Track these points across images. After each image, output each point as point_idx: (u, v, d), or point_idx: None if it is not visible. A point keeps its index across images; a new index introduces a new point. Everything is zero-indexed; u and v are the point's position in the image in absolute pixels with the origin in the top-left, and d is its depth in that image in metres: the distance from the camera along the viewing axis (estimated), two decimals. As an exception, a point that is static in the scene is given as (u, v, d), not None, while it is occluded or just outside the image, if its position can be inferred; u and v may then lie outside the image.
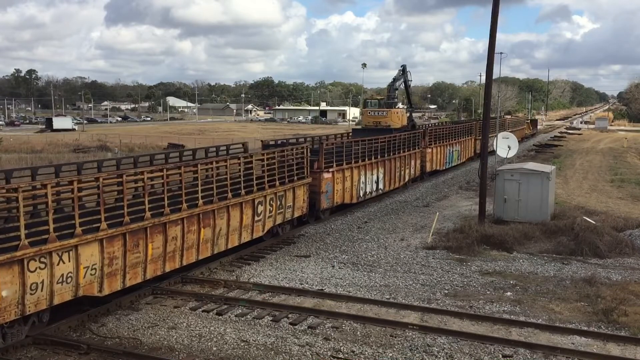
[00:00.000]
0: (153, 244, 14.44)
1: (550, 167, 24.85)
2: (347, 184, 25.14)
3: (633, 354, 11.74)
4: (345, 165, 24.83)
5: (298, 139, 30.26)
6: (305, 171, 21.71)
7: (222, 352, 11.84)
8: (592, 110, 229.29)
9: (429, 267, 17.85)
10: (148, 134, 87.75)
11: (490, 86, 24.01)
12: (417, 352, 11.88)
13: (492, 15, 22.71)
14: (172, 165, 15.90)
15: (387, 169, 29.40)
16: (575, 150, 58.43)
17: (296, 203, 21.18)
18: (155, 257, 14.59)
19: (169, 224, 14.88)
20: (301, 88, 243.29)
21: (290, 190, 20.62)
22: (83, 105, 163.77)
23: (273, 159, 19.77)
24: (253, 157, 18.89)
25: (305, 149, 21.96)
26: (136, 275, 14.03)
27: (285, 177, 20.26)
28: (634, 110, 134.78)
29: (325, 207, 23.72)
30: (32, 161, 49.19)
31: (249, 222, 18.31)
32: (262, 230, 19.14)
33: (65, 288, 12.26)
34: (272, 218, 19.76)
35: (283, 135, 73.99)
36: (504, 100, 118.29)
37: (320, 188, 22.93)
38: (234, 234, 17.64)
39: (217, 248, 16.92)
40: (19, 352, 11.77)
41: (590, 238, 19.20)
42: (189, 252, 15.73)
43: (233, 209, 17.42)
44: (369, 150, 27.19)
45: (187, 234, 15.57)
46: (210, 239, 16.54)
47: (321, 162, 23.06)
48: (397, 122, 39.04)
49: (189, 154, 19.50)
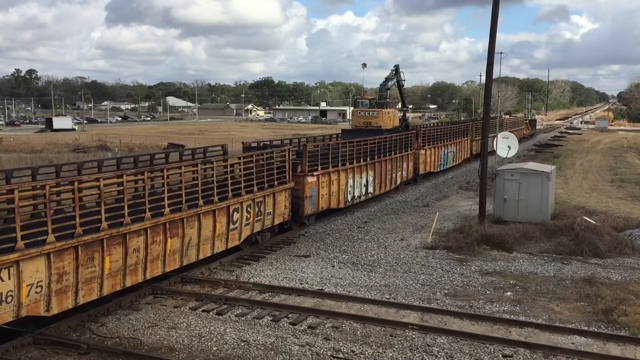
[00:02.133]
0: (111, 257, 13.22)
1: (550, 167, 24.85)
2: (333, 188, 23.96)
3: (633, 354, 11.74)
4: (332, 168, 23.67)
5: (292, 139, 29.39)
6: (287, 175, 20.50)
7: (222, 352, 11.85)
8: (592, 110, 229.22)
9: (429, 267, 17.85)
10: (148, 134, 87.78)
11: (490, 86, 24.01)
12: (417, 352, 11.88)
13: (492, 15, 22.72)
14: (133, 171, 14.68)
15: (378, 171, 28.25)
16: (575, 150, 58.44)
17: (277, 209, 19.98)
18: (114, 271, 13.37)
19: (129, 235, 13.63)
20: (301, 88, 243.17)
21: (270, 195, 19.44)
22: (83, 105, 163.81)
23: (250, 162, 18.60)
24: (228, 161, 17.73)
25: (287, 151, 20.75)
26: (91, 292, 12.81)
27: (264, 182, 19.08)
28: (634, 110, 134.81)
29: (309, 213, 22.48)
30: (32, 161, 49.17)
31: (223, 231, 17.14)
32: (238, 239, 18.00)
33: (5, 308, 11.04)
34: (250, 226, 18.56)
35: (283, 135, 74.00)
36: (503, 100, 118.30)
37: (304, 193, 21.75)
38: (206, 244, 16.47)
39: (187, 259, 15.72)
40: (19, 352, 11.76)
41: (590, 238, 19.20)
42: (154, 264, 14.55)
43: (205, 217, 16.24)
44: (357, 152, 26.03)
45: (152, 245, 14.35)
46: (178, 249, 15.33)
47: (305, 165, 21.85)
48: (388, 122, 37.81)
49: (162, 157, 18.25)
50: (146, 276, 14.31)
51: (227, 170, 17.36)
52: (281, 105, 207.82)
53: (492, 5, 22.62)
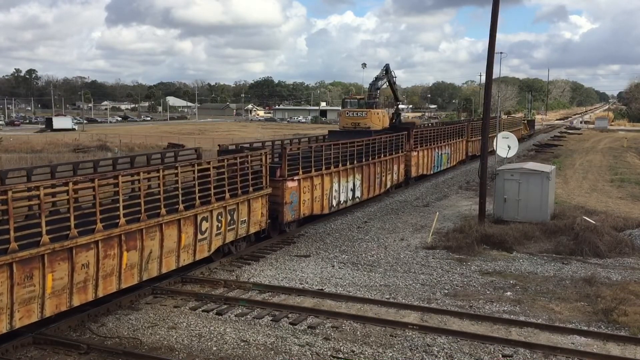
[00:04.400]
0: (54, 274, 11.85)
1: (550, 167, 24.86)
2: (316, 193, 22.44)
3: (633, 354, 11.74)
4: (315, 172, 22.17)
5: (283, 140, 27.96)
6: (264, 180, 19.22)
7: (222, 352, 11.85)
8: (592, 110, 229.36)
9: (429, 267, 17.86)
10: (148, 134, 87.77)
11: (490, 86, 24.02)
12: (417, 352, 11.88)
13: (492, 15, 22.73)
14: (82, 178, 13.30)
15: (366, 175, 26.80)
16: (575, 150, 58.45)
17: (252, 217, 18.63)
18: (58, 290, 12.01)
19: (76, 249, 12.26)
20: (301, 88, 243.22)
21: (244, 203, 18.11)
22: (83, 105, 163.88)
23: (222, 167, 17.33)
24: (195, 166, 16.25)
25: (263, 155, 19.36)
26: (30, 313, 11.54)
27: (237, 188, 17.73)
28: (634, 110, 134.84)
29: (289, 220, 21.00)
30: (32, 161, 49.19)
31: (190, 242, 15.85)
32: (208, 250, 16.72)
33: None
34: (222, 236, 17.25)
35: (283, 135, 74.00)
36: (503, 100, 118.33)
37: (284, 198, 20.32)
38: (170, 257, 15.16)
39: (147, 274, 14.43)
40: (19, 351, 11.77)
41: (590, 238, 19.20)
42: (107, 280, 13.23)
43: (168, 227, 14.89)
44: (343, 154, 24.58)
45: (104, 260, 13.02)
46: (136, 263, 14.00)
47: (284, 169, 20.44)
48: (377, 123, 36.22)
49: (126, 161, 17.02)
50: (98, 294, 13.02)
51: (195, 176, 16.11)
52: (281, 105, 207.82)
53: (492, 5, 22.64)
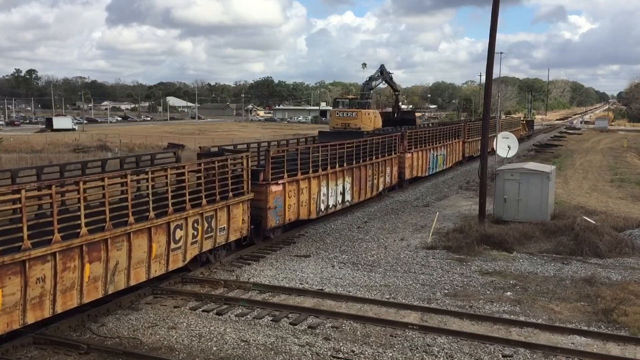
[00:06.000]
0: (4, 290, 11.04)
1: (550, 167, 24.87)
2: (303, 197, 21.41)
3: (633, 354, 11.74)
4: (301, 175, 21.17)
5: (269, 143, 26.25)
6: (245, 185, 18.26)
7: (222, 352, 11.85)
8: (592, 110, 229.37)
9: (429, 267, 17.86)
10: (148, 134, 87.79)
11: (490, 86, 24.01)
12: (417, 352, 11.88)
13: (492, 14, 22.72)
14: (35, 186, 12.20)
15: (357, 177, 25.69)
16: (575, 150, 58.47)
17: (232, 224, 17.64)
18: (9, 307, 11.11)
19: (30, 262, 11.34)
20: (301, 88, 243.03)
21: (223, 209, 17.14)
22: (83, 105, 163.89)
23: (198, 172, 16.44)
24: (168, 171, 15.28)
25: (244, 158, 18.38)
26: None
27: (216, 193, 16.79)
28: (634, 110, 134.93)
29: (273, 226, 19.98)
30: (32, 161, 49.17)
31: (162, 252, 14.85)
32: (182, 259, 15.72)
33: None
34: (198, 244, 16.26)
35: (283, 135, 74.01)
36: (503, 100, 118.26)
37: (267, 203, 19.33)
38: (140, 268, 14.15)
39: (114, 287, 13.45)
40: (19, 351, 11.77)
41: (590, 238, 19.20)
42: (67, 295, 12.20)
43: (137, 236, 13.88)
44: (332, 156, 23.47)
45: (63, 273, 12.00)
46: (101, 276, 13.00)
47: (268, 172, 19.41)
48: (368, 124, 35.35)
49: (98, 164, 15.85)
50: (56, 310, 12.13)
51: (168, 182, 15.17)
52: (281, 105, 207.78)
53: (492, 5, 22.63)
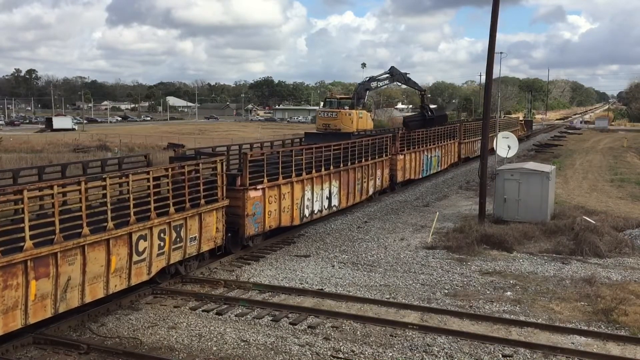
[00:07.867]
0: None
1: (550, 167, 24.86)
2: (285, 202, 20.36)
3: (633, 354, 11.74)
4: (283, 179, 20.10)
5: (251, 145, 25.31)
6: (220, 191, 17.08)
7: (222, 352, 11.85)
8: (592, 110, 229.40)
9: (429, 266, 17.86)
10: (148, 134, 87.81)
11: (490, 86, 24.01)
12: (417, 351, 11.88)
13: (492, 14, 22.73)
14: None
15: (344, 181, 24.65)
16: (575, 150, 58.46)
17: (204, 233, 16.45)
18: None
19: None
20: (301, 88, 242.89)
21: (194, 217, 15.97)
22: (83, 105, 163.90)
23: (166, 177, 15.28)
24: (130, 177, 14.05)
25: (218, 163, 17.18)
26: None
27: (185, 200, 15.61)
28: (634, 110, 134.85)
29: (252, 234, 18.84)
30: (32, 161, 49.19)
31: (123, 265, 13.61)
32: (147, 272, 14.47)
33: None
34: (165, 256, 15.03)
35: (282, 134, 74.01)
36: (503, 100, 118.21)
37: (245, 210, 18.21)
38: (97, 283, 12.92)
39: (65, 305, 12.20)
40: (19, 351, 11.77)
41: (590, 238, 19.22)
42: (9, 315, 11.04)
43: (93, 248, 12.69)
44: (317, 159, 22.39)
45: (4, 291, 10.91)
46: (50, 293, 11.81)
47: (245, 177, 18.35)
48: (348, 125, 34.24)
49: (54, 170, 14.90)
50: None
51: (130, 189, 14.03)
52: (281, 105, 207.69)
53: (492, 5, 22.64)
